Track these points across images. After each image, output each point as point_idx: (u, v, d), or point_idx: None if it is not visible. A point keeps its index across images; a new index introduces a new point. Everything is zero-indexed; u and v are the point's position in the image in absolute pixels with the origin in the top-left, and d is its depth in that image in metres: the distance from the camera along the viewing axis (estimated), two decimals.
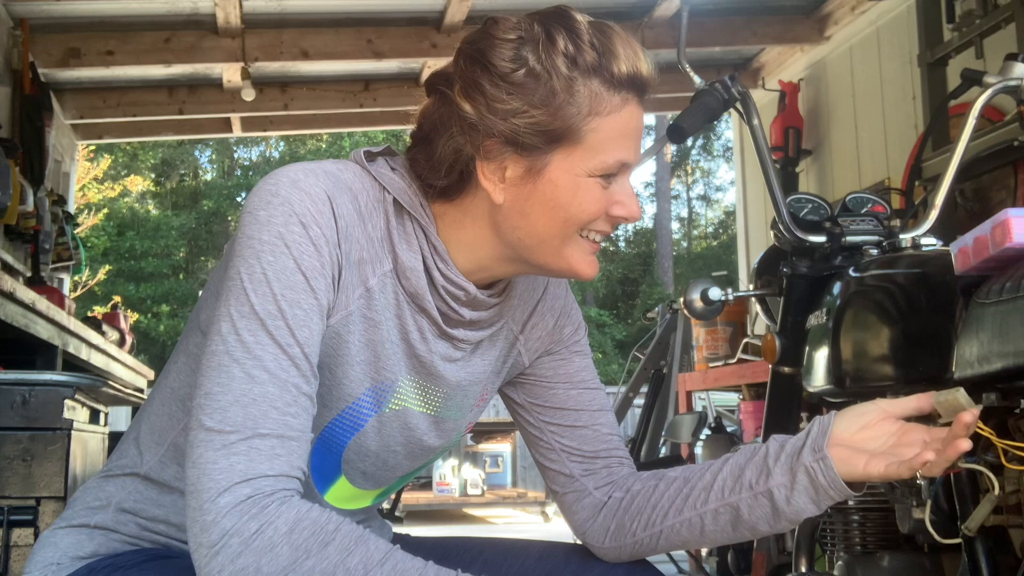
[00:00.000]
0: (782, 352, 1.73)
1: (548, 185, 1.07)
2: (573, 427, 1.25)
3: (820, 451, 1.05)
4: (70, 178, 5.71)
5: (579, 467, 1.24)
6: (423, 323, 1.12)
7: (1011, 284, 1.20)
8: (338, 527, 0.92)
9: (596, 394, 1.28)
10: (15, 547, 2.00)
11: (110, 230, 17.43)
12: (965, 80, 1.76)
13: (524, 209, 1.08)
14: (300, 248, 0.99)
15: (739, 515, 1.10)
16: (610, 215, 1.10)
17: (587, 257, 1.12)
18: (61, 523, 1.14)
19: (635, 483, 1.21)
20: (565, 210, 1.07)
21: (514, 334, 1.24)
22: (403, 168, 1.13)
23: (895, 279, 1.49)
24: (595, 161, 1.06)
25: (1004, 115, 3.34)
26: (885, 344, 1.46)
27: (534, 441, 1.27)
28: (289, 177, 1.02)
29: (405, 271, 1.09)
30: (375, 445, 1.14)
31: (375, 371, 1.10)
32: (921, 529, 1.39)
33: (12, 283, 2.69)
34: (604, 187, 1.08)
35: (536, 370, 1.27)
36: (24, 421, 2.05)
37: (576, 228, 1.09)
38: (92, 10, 4.51)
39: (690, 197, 25.07)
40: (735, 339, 4.07)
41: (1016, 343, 1.17)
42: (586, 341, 1.32)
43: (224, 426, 0.93)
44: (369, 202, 1.08)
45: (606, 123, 1.06)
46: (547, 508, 8.24)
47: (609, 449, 1.25)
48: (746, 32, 4.98)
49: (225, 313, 0.98)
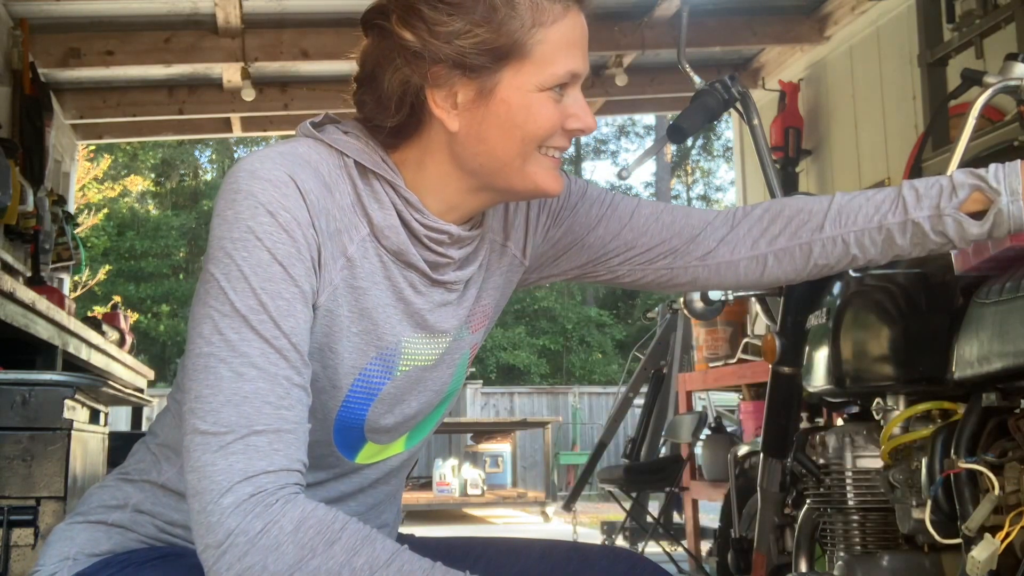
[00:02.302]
0: (782, 352, 1.73)
1: (501, 105, 1.05)
2: (661, 230, 1.25)
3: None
4: (70, 178, 5.71)
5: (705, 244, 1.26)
6: (413, 277, 1.11)
7: (1011, 284, 1.21)
8: (344, 526, 0.91)
9: (631, 203, 1.27)
10: (15, 547, 2.00)
11: (110, 230, 17.43)
12: (965, 80, 1.76)
13: (480, 133, 1.06)
14: (272, 238, 0.97)
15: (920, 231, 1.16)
16: (566, 129, 1.08)
17: (551, 172, 1.10)
18: (77, 518, 1.14)
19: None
20: (521, 128, 1.06)
21: (499, 243, 1.23)
22: (355, 129, 1.11)
23: (895, 279, 1.49)
24: (545, 74, 1.04)
25: (1004, 115, 3.34)
26: (885, 344, 1.46)
27: (648, 275, 1.28)
28: (246, 169, 1.00)
29: (383, 231, 1.07)
30: (394, 409, 1.14)
31: (376, 338, 1.08)
32: (921, 529, 1.39)
33: (12, 283, 2.69)
34: (557, 100, 1.06)
35: (562, 240, 1.26)
36: (24, 421, 2.05)
37: (534, 145, 1.07)
38: (92, 10, 4.51)
39: (690, 197, 25.05)
40: (735, 339, 4.08)
41: (1016, 343, 1.17)
42: (584, 183, 1.29)
43: (219, 427, 0.92)
44: (331, 170, 1.06)
45: (551, 33, 1.04)
46: (547, 508, 8.24)
47: (706, 217, 1.26)
48: (746, 32, 4.98)
49: (205, 315, 0.96)
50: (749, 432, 3.97)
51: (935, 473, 1.32)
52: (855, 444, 1.58)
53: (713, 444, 4.16)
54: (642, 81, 5.43)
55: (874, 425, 1.58)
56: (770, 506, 1.84)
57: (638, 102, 6.07)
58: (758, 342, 3.75)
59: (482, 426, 9.72)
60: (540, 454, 10.55)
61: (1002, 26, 3.17)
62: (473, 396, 11.80)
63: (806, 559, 1.73)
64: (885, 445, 1.46)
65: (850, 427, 1.60)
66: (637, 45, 4.85)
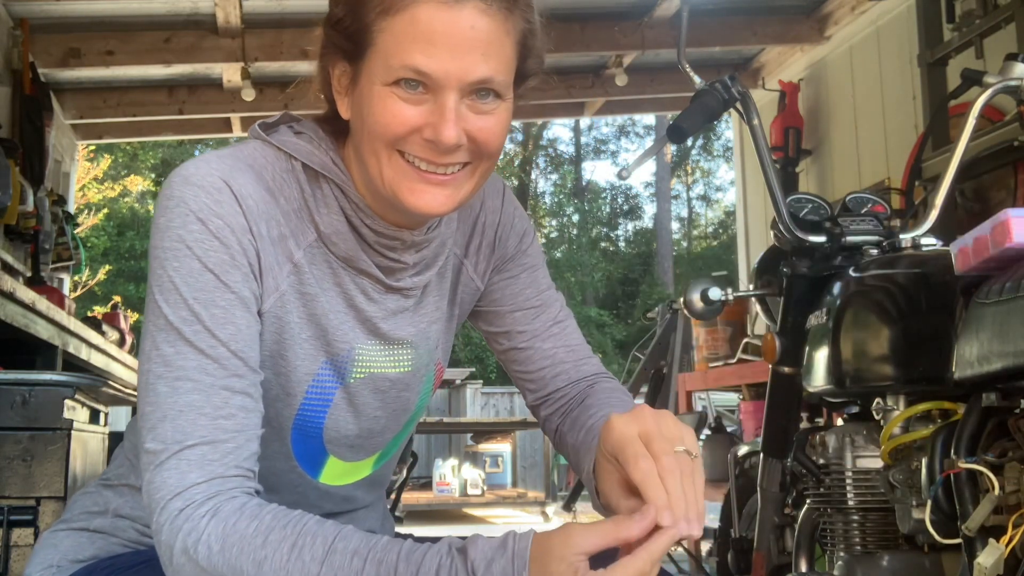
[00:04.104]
0: (782, 352, 1.73)
1: (361, 96, 0.99)
2: (519, 349, 1.22)
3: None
4: (70, 178, 5.71)
5: (531, 395, 1.24)
6: (365, 284, 1.07)
7: (1011, 284, 1.21)
8: (265, 540, 0.87)
9: (540, 312, 1.22)
10: (15, 547, 2.00)
11: (110, 230, 17.42)
12: (965, 80, 1.76)
13: (355, 125, 1.01)
14: (203, 246, 0.95)
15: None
16: (423, 137, 0.97)
17: (412, 184, 0.99)
18: (61, 525, 1.15)
19: (564, 424, 1.20)
20: (370, 125, 0.98)
21: (459, 258, 1.19)
22: (309, 129, 1.07)
23: (895, 279, 1.49)
24: (384, 68, 0.95)
25: (1004, 115, 3.34)
26: (885, 344, 1.46)
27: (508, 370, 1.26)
28: (182, 175, 0.98)
29: (331, 237, 1.04)
30: (352, 417, 1.11)
31: (325, 344, 1.06)
32: (921, 529, 1.39)
33: (12, 283, 2.68)
34: (405, 99, 0.96)
35: (491, 294, 1.22)
36: (24, 421, 2.05)
37: (383, 145, 0.98)
38: (92, 10, 4.51)
39: (690, 197, 25.06)
40: (735, 339, 4.08)
41: (1016, 343, 1.17)
42: (536, 250, 1.24)
43: (157, 444, 0.91)
44: (277, 175, 1.03)
45: (395, 23, 0.94)
46: (547, 508, 8.24)
47: (554, 366, 1.22)
48: (746, 32, 4.98)
49: (146, 331, 0.96)
50: (749, 432, 3.97)
51: (935, 473, 1.32)
52: (855, 444, 1.57)
53: (713, 444, 4.15)
54: (642, 81, 5.43)
55: (874, 425, 1.58)
56: (770, 506, 1.84)
57: (638, 102, 6.07)
58: (758, 342, 3.75)
59: (482, 426, 9.71)
60: (540, 454, 10.55)
61: (1002, 26, 3.17)
62: (473, 396, 11.79)
63: (806, 559, 1.73)
64: (885, 445, 1.46)
65: (850, 427, 1.60)
66: (637, 45, 4.85)
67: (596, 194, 24.52)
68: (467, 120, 0.97)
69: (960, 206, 3.49)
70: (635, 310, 20.31)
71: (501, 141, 1.01)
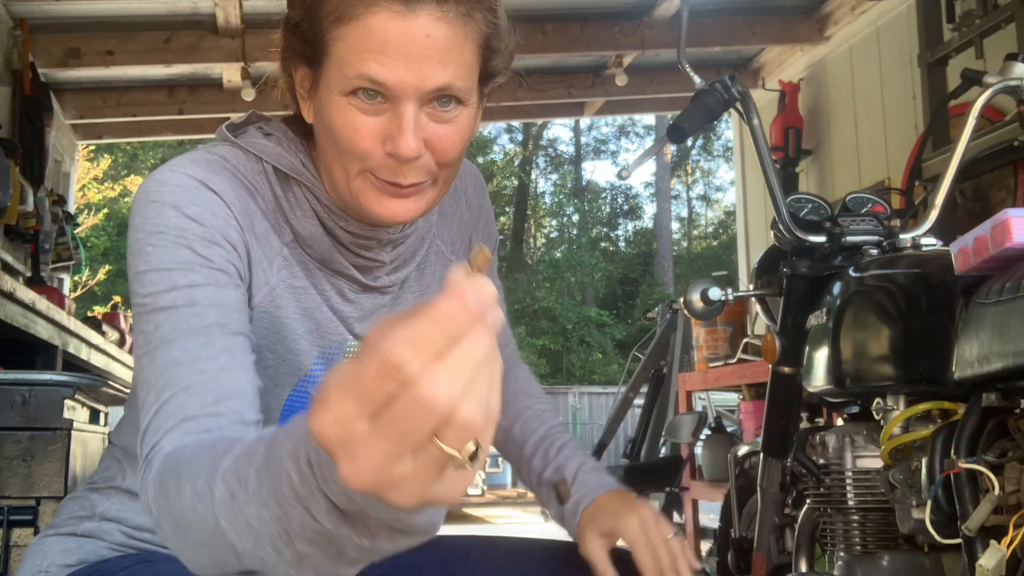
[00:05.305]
0: (782, 352, 1.73)
1: (321, 104, 0.97)
2: None
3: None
4: (70, 178, 5.71)
5: None
6: (342, 285, 1.06)
7: (1011, 284, 1.20)
8: (180, 477, 0.78)
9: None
10: (15, 547, 2.00)
11: (110, 230, 17.43)
12: (965, 80, 1.76)
13: (319, 131, 0.99)
14: (180, 228, 0.92)
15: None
16: (385, 151, 0.94)
17: (379, 196, 0.97)
18: (50, 531, 1.14)
19: None
20: (335, 138, 0.95)
21: (445, 255, 1.17)
22: (278, 130, 1.05)
23: (895, 279, 1.49)
24: (340, 77, 0.92)
25: (1004, 115, 3.34)
26: (885, 344, 1.46)
27: None
28: (156, 179, 0.96)
29: (306, 240, 1.03)
30: None
31: (319, 337, 1.06)
32: (921, 529, 1.39)
33: (12, 283, 2.69)
34: (363, 110, 0.93)
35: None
36: (24, 421, 2.05)
37: (350, 161, 0.95)
38: (92, 10, 4.51)
39: (690, 197, 25.08)
40: (735, 339, 4.07)
41: (1016, 343, 1.17)
42: (497, 305, 1.24)
43: (144, 413, 0.88)
44: (252, 175, 1.01)
45: (349, 32, 0.91)
46: None
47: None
48: (746, 32, 4.98)
49: (135, 338, 0.93)
50: (749, 432, 3.97)
51: (935, 473, 1.32)
52: (855, 444, 1.57)
53: (713, 444, 4.15)
54: (642, 81, 5.43)
55: (874, 425, 1.58)
56: (770, 506, 1.84)
57: (638, 102, 6.07)
58: (758, 342, 3.75)
59: None
60: None
61: (1002, 26, 3.17)
62: None
63: (806, 559, 1.73)
64: (885, 445, 1.46)
65: (850, 427, 1.60)
66: (637, 45, 4.85)
67: (596, 194, 24.55)
68: (426, 129, 0.95)
69: (960, 206, 3.49)
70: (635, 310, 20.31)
71: (461, 149, 0.98)
